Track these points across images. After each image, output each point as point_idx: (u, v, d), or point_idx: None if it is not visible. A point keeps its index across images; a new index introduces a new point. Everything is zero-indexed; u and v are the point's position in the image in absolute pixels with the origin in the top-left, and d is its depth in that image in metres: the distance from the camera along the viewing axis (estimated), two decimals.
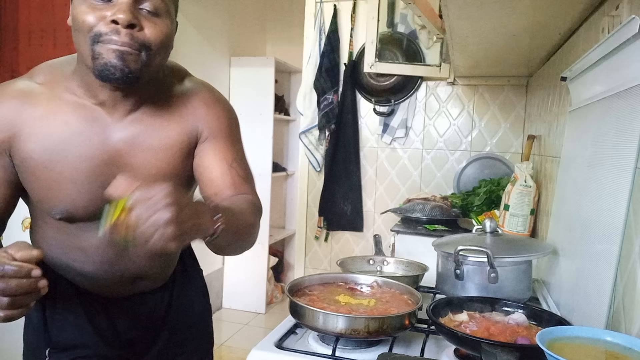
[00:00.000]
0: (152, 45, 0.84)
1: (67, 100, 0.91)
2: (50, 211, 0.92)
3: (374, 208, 2.87)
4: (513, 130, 2.64)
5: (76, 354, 1.01)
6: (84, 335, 1.02)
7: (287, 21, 4.01)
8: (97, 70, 0.83)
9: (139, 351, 1.11)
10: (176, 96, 0.99)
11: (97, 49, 0.82)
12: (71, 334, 1.02)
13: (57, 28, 3.36)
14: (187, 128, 0.98)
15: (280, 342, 1.00)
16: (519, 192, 1.76)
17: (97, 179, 0.91)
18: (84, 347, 1.02)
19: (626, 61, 0.89)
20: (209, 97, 1.02)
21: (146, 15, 0.84)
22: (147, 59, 0.85)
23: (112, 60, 0.81)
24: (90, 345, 1.02)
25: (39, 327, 1.02)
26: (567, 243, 1.16)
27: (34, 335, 1.03)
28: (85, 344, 1.02)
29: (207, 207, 0.79)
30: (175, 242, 0.68)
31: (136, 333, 1.09)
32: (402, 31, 2.74)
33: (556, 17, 1.33)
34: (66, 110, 0.90)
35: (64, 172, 0.90)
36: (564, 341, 0.72)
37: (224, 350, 2.96)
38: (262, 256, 3.54)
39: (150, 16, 0.84)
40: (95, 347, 1.02)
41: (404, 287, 1.13)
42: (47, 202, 0.92)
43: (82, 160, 0.90)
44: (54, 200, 0.91)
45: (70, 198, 0.91)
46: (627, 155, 0.84)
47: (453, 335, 0.90)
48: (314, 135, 2.90)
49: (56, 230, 0.97)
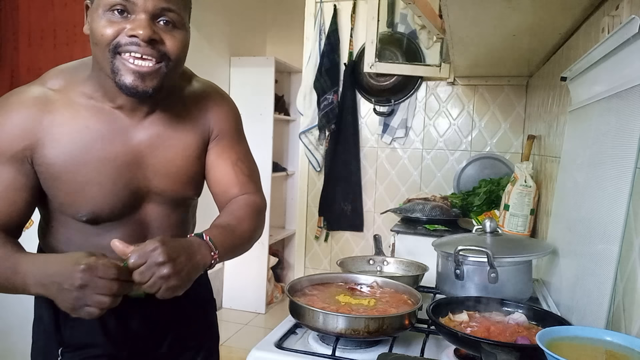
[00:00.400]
0: (171, 56, 0.88)
1: (84, 104, 0.93)
2: (76, 214, 0.94)
3: (374, 208, 2.87)
4: (513, 130, 2.64)
5: (87, 354, 1.02)
6: (95, 335, 1.03)
7: (287, 21, 4.01)
8: (118, 85, 0.87)
9: (149, 349, 1.11)
10: (188, 97, 1.03)
11: (117, 63, 0.85)
12: (83, 334, 1.02)
13: (57, 28, 3.36)
14: (200, 128, 1.04)
15: (280, 342, 1.00)
16: (519, 192, 1.76)
17: (121, 179, 0.94)
18: (94, 346, 1.03)
19: (626, 61, 0.89)
20: (217, 97, 1.08)
21: (163, 27, 0.87)
22: (168, 70, 0.88)
23: (130, 82, 0.85)
24: (100, 345, 1.03)
25: (50, 327, 1.02)
26: (567, 243, 1.16)
27: (45, 336, 1.03)
28: (96, 344, 1.03)
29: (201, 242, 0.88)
30: (179, 290, 0.82)
31: (145, 330, 1.10)
32: (402, 31, 2.74)
33: (556, 17, 1.33)
34: (85, 115, 0.92)
35: (89, 175, 0.92)
36: (564, 341, 0.72)
37: (224, 350, 2.96)
38: (262, 256, 3.53)
39: (167, 29, 0.87)
40: (104, 347, 1.03)
41: (404, 287, 1.13)
42: (73, 205, 0.93)
43: (106, 163, 0.93)
44: (80, 203, 0.93)
45: (96, 200, 0.93)
46: (627, 155, 0.84)
47: (453, 335, 0.90)
48: (314, 135, 2.90)
49: (77, 232, 0.98)
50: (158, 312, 1.10)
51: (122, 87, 0.86)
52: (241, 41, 3.75)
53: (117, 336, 1.05)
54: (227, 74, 3.56)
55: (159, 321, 1.11)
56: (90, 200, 0.93)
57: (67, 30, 3.35)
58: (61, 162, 0.90)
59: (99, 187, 0.92)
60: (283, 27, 4.11)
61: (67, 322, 1.02)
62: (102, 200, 0.93)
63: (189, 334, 1.16)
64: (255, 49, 4.03)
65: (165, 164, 0.99)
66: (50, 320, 1.02)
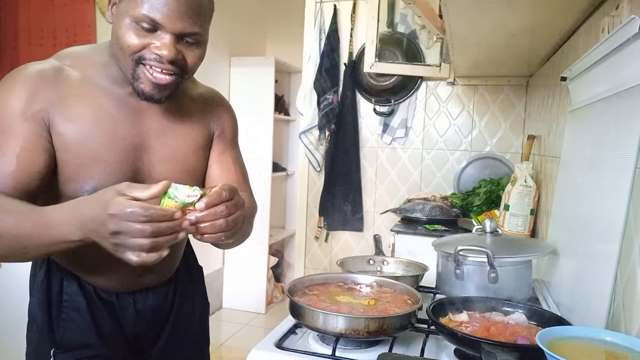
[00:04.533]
0: (188, 70, 0.93)
1: (98, 84, 0.95)
2: (80, 189, 0.93)
3: (374, 208, 2.87)
4: (513, 130, 2.64)
5: (81, 355, 1.02)
6: (89, 336, 1.02)
7: (287, 21, 4.01)
8: (135, 89, 0.92)
9: (143, 350, 1.11)
10: (194, 97, 1.09)
11: (138, 71, 0.89)
12: (76, 335, 1.02)
13: (57, 28, 3.36)
14: (205, 124, 1.09)
15: (280, 342, 1.00)
16: (519, 192, 1.76)
17: (128, 160, 0.96)
18: (88, 347, 1.02)
19: (626, 61, 0.89)
20: (222, 101, 1.15)
21: (186, 45, 0.91)
22: (182, 80, 0.94)
23: (148, 91, 0.91)
24: (94, 346, 1.02)
25: (43, 327, 1.02)
26: (567, 243, 1.16)
27: (38, 335, 1.03)
28: (89, 345, 1.02)
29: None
30: (228, 239, 0.84)
31: (140, 331, 1.09)
32: (402, 31, 2.74)
33: (556, 17, 1.33)
34: (98, 94, 0.95)
35: (98, 151, 0.93)
36: (564, 341, 0.72)
37: (224, 350, 2.96)
38: (262, 256, 3.54)
39: (189, 46, 0.91)
40: (98, 348, 1.02)
41: (404, 287, 1.13)
42: (78, 180, 0.93)
43: (115, 142, 0.95)
44: (85, 177, 0.93)
45: (101, 177, 0.93)
46: (627, 155, 0.84)
47: (453, 335, 0.90)
48: (314, 135, 2.90)
49: None
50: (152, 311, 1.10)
51: (139, 93, 0.91)
52: (241, 41, 3.75)
53: (111, 336, 1.05)
54: (227, 74, 3.56)
55: (153, 320, 1.11)
56: (96, 175, 0.93)
57: (67, 30, 3.35)
58: (73, 134, 0.91)
59: (106, 164, 0.93)
60: (283, 27, 4.11)
61: (60, 322, 1.02)
62: (107, 178, 0.94)
63: (182, 332, 1.16)
64: (255, 49, 4.02)
65: (172, 150, 1.02)
66: (43, 321, 1.02)
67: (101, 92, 0.95)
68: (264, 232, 3.48)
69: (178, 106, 1.03)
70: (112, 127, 0.94)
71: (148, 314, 1.10)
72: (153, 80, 0.89)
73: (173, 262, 1.14)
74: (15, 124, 0.87)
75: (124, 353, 1.07)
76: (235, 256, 3.59)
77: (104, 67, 0.96)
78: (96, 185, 0.93)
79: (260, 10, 4.08)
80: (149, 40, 0.87)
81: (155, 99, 0.92)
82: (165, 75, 0.89)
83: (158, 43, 0.87)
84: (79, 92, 0.93)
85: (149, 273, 1.07)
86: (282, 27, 4.12)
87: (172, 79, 0.91)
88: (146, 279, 1.08)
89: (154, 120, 1.00)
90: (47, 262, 1.03)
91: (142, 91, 0.91)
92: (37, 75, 0.91)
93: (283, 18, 4.10)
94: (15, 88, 0.89)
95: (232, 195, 0.82)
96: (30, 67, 0.93)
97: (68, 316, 1.02)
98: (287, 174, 4.00)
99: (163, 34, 0.87)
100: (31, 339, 1.05)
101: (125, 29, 0.87)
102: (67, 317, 1.02)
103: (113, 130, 0.94)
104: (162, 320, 1.13)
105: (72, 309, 1.02)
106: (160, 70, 0.89)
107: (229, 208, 0.80)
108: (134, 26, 0.86)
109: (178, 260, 1.16)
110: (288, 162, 4.14)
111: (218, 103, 1.13)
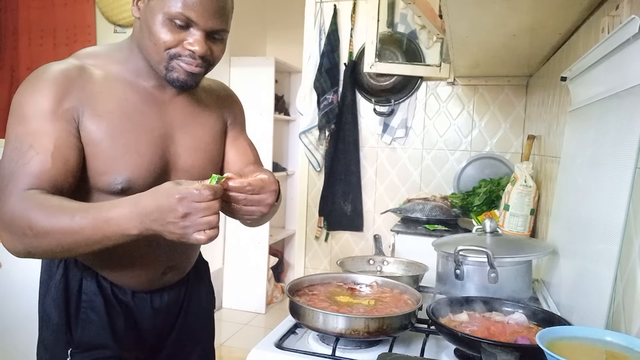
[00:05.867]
0: (214, 62, 1.00)
1: (122, 80, 0.99)
2: (113, 181, 0.95)
3: (374, 208, 2.87)
4: (513, 130, 2.64)
5: (98, 355, 1.02)
6: (105, 337, 1.02)
7: (287, 21, 4.01)
8: (167, 78, 0.97)
9: (154, 347, 1.12)
10: (206, 88, 1.15)
11: (173, 63, 0.95)
12: (93, 335, 1.02)
13: (57, 28, 3.37)
14: (220, 113, 1.15)
15: (280, 342, 1.00)
16: (519, 192, 1.76)
17: (156, 150, 1.00)
18: (104, 348, 1.02)
19: (626, 61, 0.89)
20: (230, 92, 1.23)
21: (213, 41, 0.98)
22: (207, 71, 1.01)
23: (183, 78, 0.97)
24: (109, 347, 1.02)
25: (60, 327, 1.02)
26: (567, 243, 1.17)
27: (53, 335, 1.03)
28: (106, 345, 1.02)
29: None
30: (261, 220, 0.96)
31: (154, 329, 1.10)
32: (402, 31, 2.74)
33: (556, 17, 1.33)
34: (123, 89, 0.98)
35: (128, 144, 0.96)
36: (564, 341, 0.72)
37: (224, 350, 2.96)
38: (262, 256, 3.53)
39: (216, 42, 0.99)
40: (113, 349, 1.03)
41: (404, 287, 1.13)
42: (110, 173, 0.94)
43: (144, 133, 0.98)
44: (117, 170, 0.94)
45: (133, 168, 0.96)
46: (627, 155, 0.84)
47: (453, 335, 0.90)
48: (314, 135, 2.90)
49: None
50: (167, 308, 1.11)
51: (172, 81, 0.97)
52: (241, 41, 3.75)
53: (125, 336, 1.05)
54: (227, 74, 3.56)
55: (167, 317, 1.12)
56: (128, 168, 0.95)
57: (67, 30, 3.35)
58: (103, 128, 0.93)
59: (137, 155, 0.96)
60: (283, 27, 4.11)
61: (79, 322, 1.02)
62: (139, 169, 0.96)
63: (191, 328, 1.18)
64: (255, 49, 4.02)
65: (195, 140, 1.06)
66: (60, 320, 1.02)
67: (126, 87, 0.99)
68: (264, 232, 3.48)
69: (196, 97, 1.09)
70: (141, 120, 0.98)
71: (163, 311, 1.11)
72: (188, 71, 0.95)
73: (191, 259, 1.16)
74: (46, 123, 0.89)
75: (137, 353, 1.08)
76: (235, 256, 3.59)
77: (126, 62, 1.00)
78: (129, 177, 0.95)
79: (260, 10, 4.08)
80: (182, 37, 0.93)
81: (187, 86, 0.98)
82: (197, 67, 0.96)
83: (191, 40, 0.93)
84: (105, 89, 0.96)
85: (172, 270, 1.09)
86: (282, 27, 4.12)
87: (201, 69, 0.97)
88: (168, 276, 1.09)
89: (177, 111, 1.04)
90: (65, 261, 1.03)
91: (177, 79, 0.96)
92: (62, 74, 0.92)
93: (283, 18, 4.10)
94: (42, 88, 0.90)
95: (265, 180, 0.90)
96: (53, 66, 0.94)
97: (86, 316, 1.02)
98: (287, 174, 4.00)
99: (195, 30, 0.93)
100: (45, 339, 1.05)
101: (159, 25, 0.92)
102: (85, 317, 1.02)
103: (141, 123, 0.98)
104: (174, 317, 1.14)
105: (90, 309, 1.02)
106: (193, 65, 0.95)
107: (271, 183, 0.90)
108: (168, 23, 0.91)
109: (196, 257, 1.19)
110: (288, 162, 4.14)
111: (227, 93, 1.20)
